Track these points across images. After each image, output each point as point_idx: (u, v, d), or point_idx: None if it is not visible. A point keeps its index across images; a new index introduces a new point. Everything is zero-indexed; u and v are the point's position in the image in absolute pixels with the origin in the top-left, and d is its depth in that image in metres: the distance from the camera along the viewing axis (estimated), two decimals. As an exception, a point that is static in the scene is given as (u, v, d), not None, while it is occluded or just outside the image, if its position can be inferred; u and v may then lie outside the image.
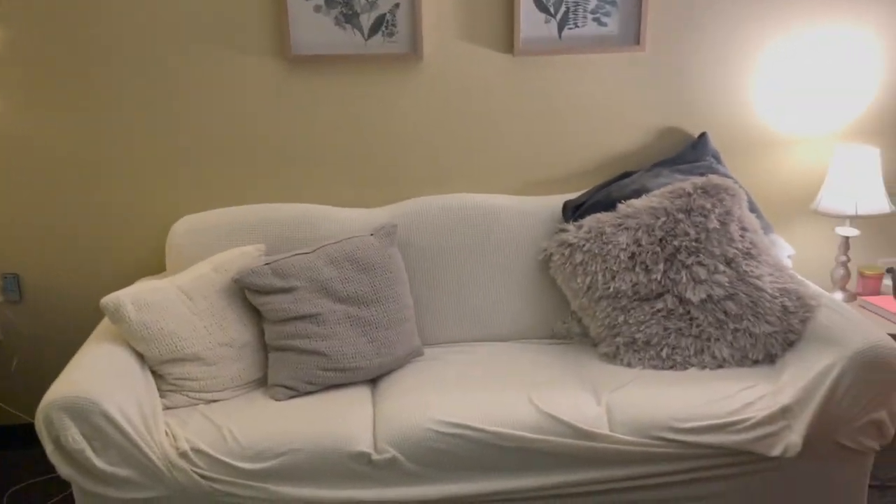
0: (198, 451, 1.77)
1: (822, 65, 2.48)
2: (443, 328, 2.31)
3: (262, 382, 2.07)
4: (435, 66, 2.38)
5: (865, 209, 2.34)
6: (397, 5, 2.28)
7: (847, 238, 2.43)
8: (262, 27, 2.30)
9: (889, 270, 2.68)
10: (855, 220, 2.40)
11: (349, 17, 2.28)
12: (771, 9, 2.41)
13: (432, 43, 2.35)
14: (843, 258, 2.44)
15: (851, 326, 1.88)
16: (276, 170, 2.44)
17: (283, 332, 2.02)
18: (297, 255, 2.09)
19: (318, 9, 2.27)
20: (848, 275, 2.45)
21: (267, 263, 2.06)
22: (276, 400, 1.97)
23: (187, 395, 1.95)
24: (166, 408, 1.92)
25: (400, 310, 2.12)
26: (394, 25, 2.30)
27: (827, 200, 2.41)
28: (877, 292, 2.45)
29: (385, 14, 2.29)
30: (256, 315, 2.09)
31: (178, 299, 1.97)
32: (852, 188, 2.36)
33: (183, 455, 1.76)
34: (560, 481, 1.84)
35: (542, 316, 2.35)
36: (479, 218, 2.33)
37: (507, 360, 2.17)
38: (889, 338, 1.83)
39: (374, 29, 2.30)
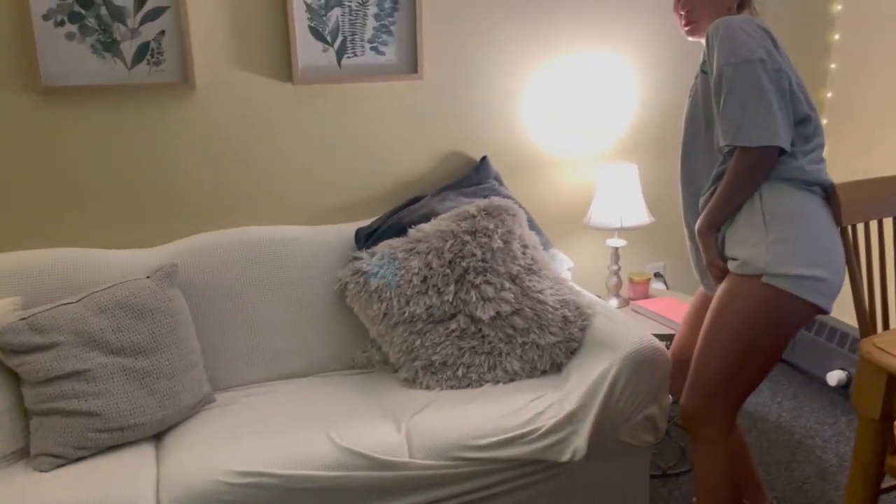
0: (-61, 546, 1.52)
1: (585, 90, 2.69)
2: (237, 371, 2.20)
3: (24, 453, 1.83)
4: (210, 95, 2.27)
5: (630, 221, 2.56)
6: (163, 32, 2.15)
7: (616, 248, 2.64)
8: (5, 57, 2.06)
9: (657, 274, 2.96)
10: (622, 231, 2.62)
11: (108, 46, 2.12)
12: (538, 41, 2.58)
13: (205, 71, 2.24)
14: (615, 267, 2.65)
15: (622, 331, 2.03)
16: (37, 213, 2.19)
17: (46, 394, 1.80)
18: (59, 306, 1.88)
19: (71, 36, 2.08)
20: (620, 282, 2.66)
21: (23, 318, 1.83)
22: (41, 471, 1.75)
23: (-74, 481, 1.67)
24: None
25: (184, 356, 1.97)
26: (160, 53, 2.16)
27: (596, 215, 2.60)
28: (646, 295, 2.68)
29: (149, 42, 2.15)
30: (14, 377, 1.85)
31: None
32: (617, 203, 2.57)
33: (-80, 553, 1.50)
34: (366, 515, 1.81)
35: (342, 347, 2.31)
36: (268, 251, 2.25)
37: (305, 396, 2.11)
38: (654, 338, 1.99)
39: (139, 57, 2.15)
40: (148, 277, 2.01)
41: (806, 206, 1.72)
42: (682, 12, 1.85)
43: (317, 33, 2.31)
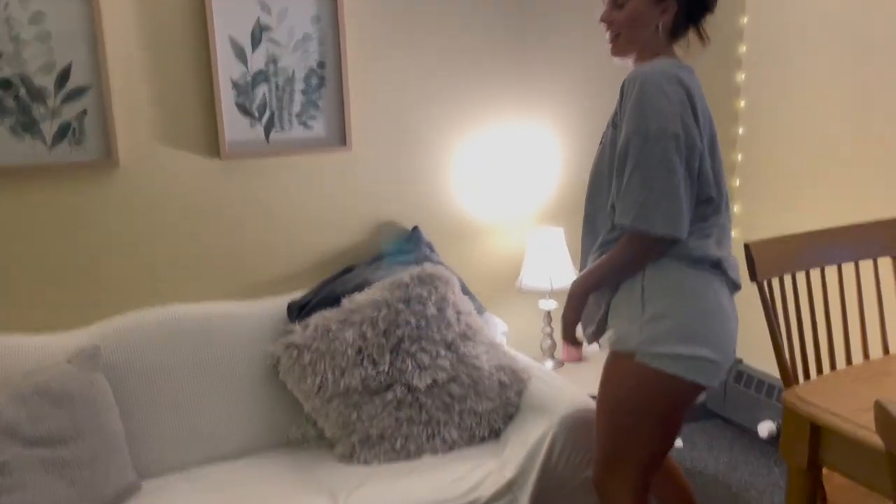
0: None
1: (511, 158, 2.77)
2: (165, 455, 2.10)
3: (-72, 560, 1.70)
4: (134, 172, 2.24)
5: (560, 283, 2.61)
6: (84, 112, 2.13)
7: (549, 311, 2.68)
8: (-83, 138, 2.00)
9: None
10: (553, 293, 2.66)
11: (27, 126, 2.08)
12: (464, 111, 2.66)
13: (129, 149, 2.22)
14: (548, 329, 2.68)
15: (557, 393, 2.05)
16: (-53, 298, 2.10)
17: (-45, 493, 1.69)
18: (-29, 396, 1.78)
19: (-14, 117, 2.04)
20: (554, 344, 2.69)
21: (-70, 412, 1.72)
22: (-52, 579, 1.63)
23: None
24: None
25: (107, 442, 1.88)
26: (81, 133, 2.13)
27: (528, 278, 2.65)
28: (580, 356, 2.72)
29: (70, 121, 2.12)
30: (-82, 477, 1.73)
31: None
32: (546, 265, 2.62)
33: None
34: None
35: (276, 424, 2.25)
36: (195, 329, 2.19)
37: (238, 479, 2.03)
38: (590, 399, 2.01)
39: (59, 137, 2.11)
40: (69, 362, 1.93)
41: (688, 282, 1.61)
42: (605, 24, 1.70)
43: (244, 109, 2.33)
